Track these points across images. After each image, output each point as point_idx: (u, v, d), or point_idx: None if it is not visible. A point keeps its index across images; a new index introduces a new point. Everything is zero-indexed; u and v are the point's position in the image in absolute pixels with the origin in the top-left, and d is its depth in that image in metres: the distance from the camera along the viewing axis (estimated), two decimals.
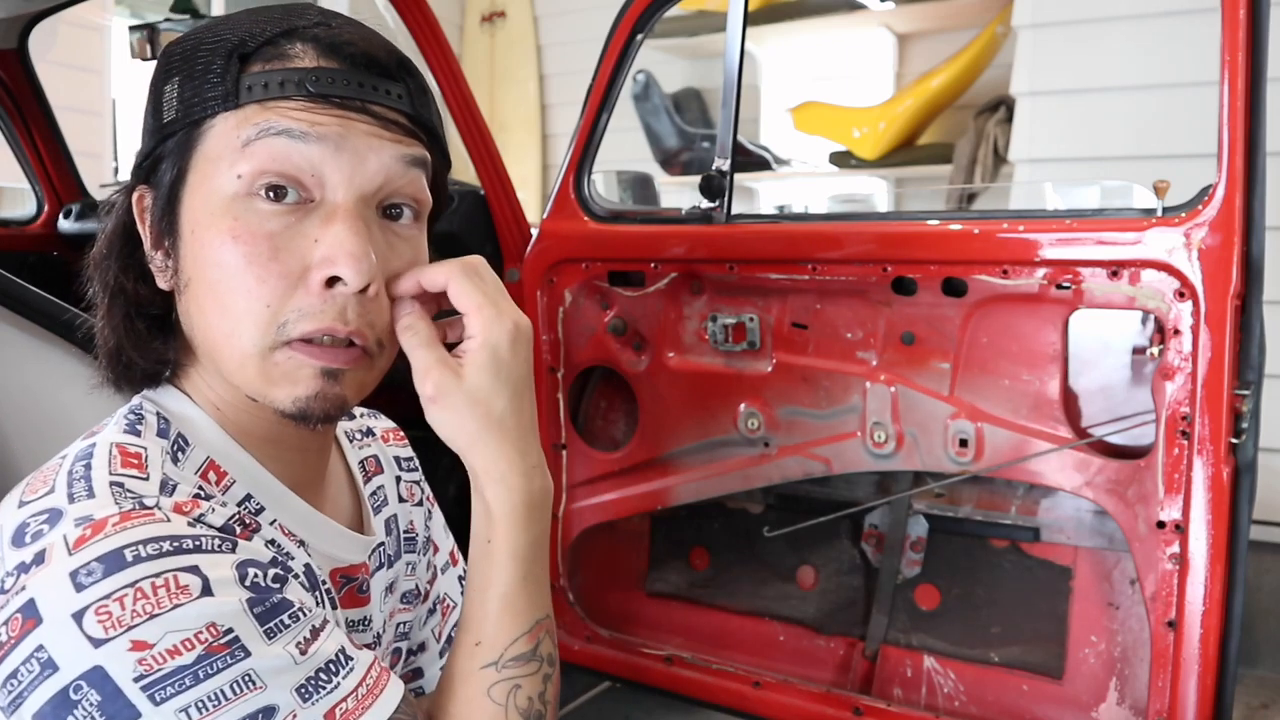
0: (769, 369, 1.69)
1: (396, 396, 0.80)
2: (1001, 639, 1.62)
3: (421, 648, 1.00)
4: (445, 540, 1.02)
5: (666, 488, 1.78)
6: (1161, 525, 1.37)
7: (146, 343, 0.73)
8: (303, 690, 0.61)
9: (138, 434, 0.70)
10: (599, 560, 1.94)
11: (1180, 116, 2.43)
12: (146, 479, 0.66)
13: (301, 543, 0.75)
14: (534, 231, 1.87)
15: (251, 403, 0.72)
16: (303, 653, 0.62)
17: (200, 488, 0.69)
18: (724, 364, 1.73)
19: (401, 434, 1.00)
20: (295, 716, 0.60)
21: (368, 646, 0.83)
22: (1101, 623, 1.53)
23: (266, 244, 0.66)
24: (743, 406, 1.71)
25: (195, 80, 0.69)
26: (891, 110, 3.33)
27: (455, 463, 0.72)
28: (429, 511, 0.99)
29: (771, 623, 1.80)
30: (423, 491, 0.99)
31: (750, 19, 2.12)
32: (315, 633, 0.64)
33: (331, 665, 0.64)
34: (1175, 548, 1.35)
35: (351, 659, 0.65)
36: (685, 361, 1.76)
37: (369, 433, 0.96)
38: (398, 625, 0.93)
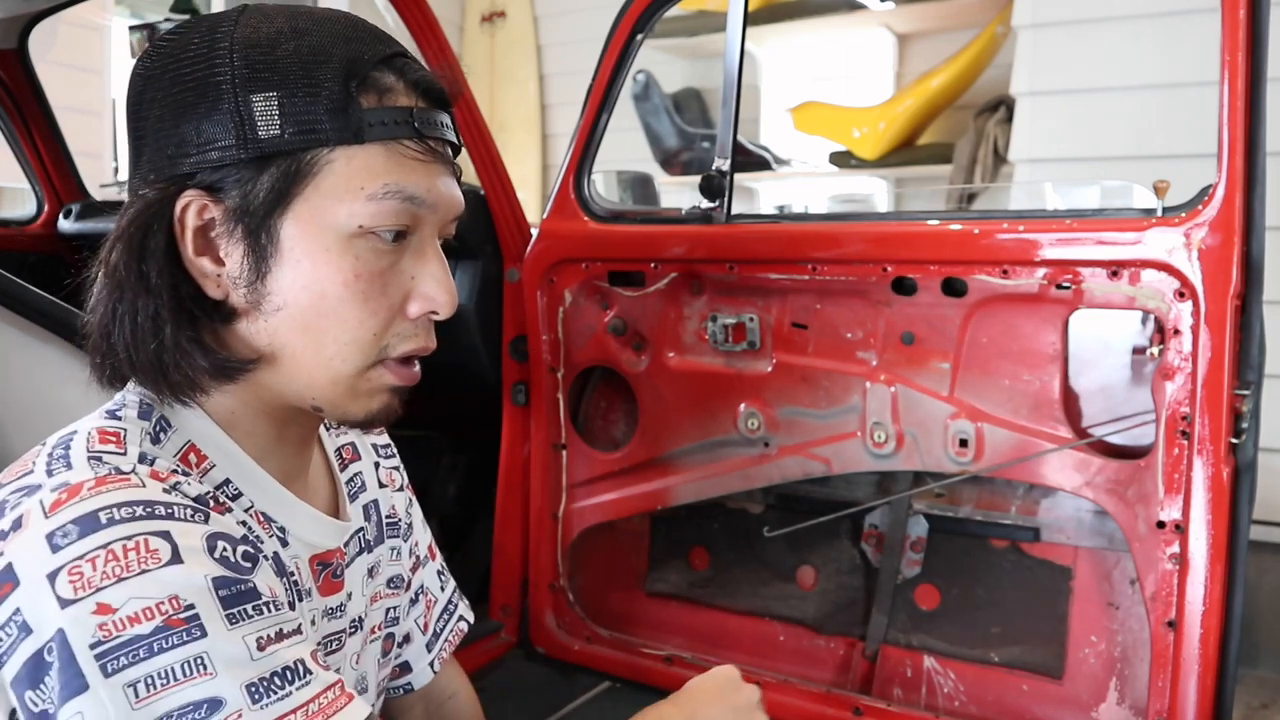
0: (769, 369, 1.69)
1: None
2: (1001, 639, 1.62)
3: (407, 639, 1.01)
4: (424, 534, 1.03)
5: (666, 488, 1.78)
6: (1161, 525, 1.37)
7: (203, 349, 0.71)
8: (253, 689, 0.60)
9: (118, 418, 0.71)
10: (599, 560, 1.94)
11: (1180, 116, 2.43)
12: (124, 454, 0.67)
13: (282, 529, 0.76)
14: (534, 231, 1.87)
15: (274, 405, 0.74)
16: (260, 648, 0.61)
17: (177, 467, 0.69)
18: (724, 364, 1.73)
19: None
20: (241, 717, 0.59)
21: (345, 632, 0.84)
22: (1101, 623, 1.53)
23: (380, 280, 0.72)
24: (743, 406, 1.71)
25: (303, 99, 0.68)
26: (891, 110, 3.33)
27: (455, 463, 0.72)
28: (410, 499, 1.00)
29: (771, 623, 1.80)
30: (402, 477, 1.00)
31: (750, 19, 2.12)
32: (280, 635, 0.63)
33: (287, 672, 0.62)
34: (1175, 548, 1.35)
35: (310, 673, 0.64)
36: (685, 361, 1.76)
37: None
38: (386, 611, 0.93)
